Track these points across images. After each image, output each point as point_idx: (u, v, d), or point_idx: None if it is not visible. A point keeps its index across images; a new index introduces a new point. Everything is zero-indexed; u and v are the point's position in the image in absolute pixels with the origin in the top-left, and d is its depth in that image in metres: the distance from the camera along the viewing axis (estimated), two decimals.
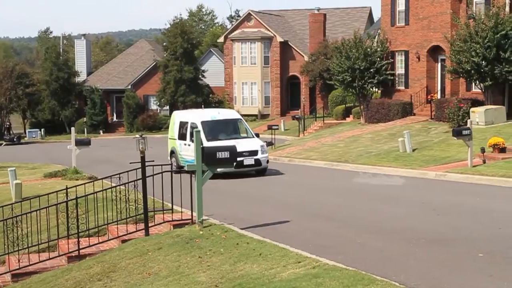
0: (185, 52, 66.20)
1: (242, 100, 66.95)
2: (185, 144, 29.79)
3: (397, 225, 16.17)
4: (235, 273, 12.39)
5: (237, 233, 15.60)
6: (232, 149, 16.64)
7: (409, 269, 11.76)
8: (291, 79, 67.20)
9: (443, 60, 41.50)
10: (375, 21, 70.04)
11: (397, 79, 45.66)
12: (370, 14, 73.25)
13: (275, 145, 42.66)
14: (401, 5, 44.76)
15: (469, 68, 35.69)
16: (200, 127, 28.20)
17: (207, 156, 16.19)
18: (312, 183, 25.94)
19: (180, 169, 27.12)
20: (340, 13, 72.03)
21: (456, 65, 36.84)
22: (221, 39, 70.63)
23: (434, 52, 42.49)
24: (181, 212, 17.59)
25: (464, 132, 25.44)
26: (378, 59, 45.05)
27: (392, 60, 45.52)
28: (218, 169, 24.72)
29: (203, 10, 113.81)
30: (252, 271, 12.26)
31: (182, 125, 30.53)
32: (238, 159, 25.56)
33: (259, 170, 28.44)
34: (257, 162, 28.20)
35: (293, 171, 30.53)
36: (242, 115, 63.95)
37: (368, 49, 45.35)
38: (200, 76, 68.38)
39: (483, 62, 34.85)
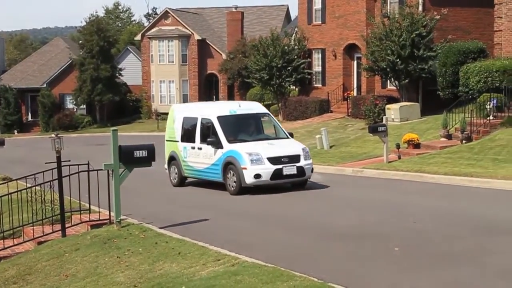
0: (102, 50, 65.31)
1: (160, 99, 66.53)
2: (192, 148, 23.23)
3: (315, 221, 16.33)
4: (154, 272, 12.31)
5: (156, 232, 15.51)
6: (150, 148, 16.45)
7: (327, 264, 11.89)
8: (209, 77, 67.11)
9: (359, 58, 42.15)
10: (292, 19, 70.59)
11: (314, 76, 46.15)
12: (288, 12, 73.79)
13: None
14: (317, 4, 45.24)
15: (384, 66, 36.34)
16: (216, 124, 22.33)
17: (124, 155, 16.00)
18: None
19: (182, 180, 24.07)
20: (257, 11, 72.32)
21: (372, 63, 37.48)
22: (138, 37, 70.05)
23: (350, 50, 43.10)
24: (99, 212, 17.37)
25: (380, 129, 25.87)
26: (296, 57, 45.44)
27: (310, 60, 45.98)
28: (247, 181, 20.90)
29: (120, 7, 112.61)
30: (171, 270, 12.20)
31: (188, 122, 23.94)
32: (276, 167, 20.98)
33: (300, 181, 21.82)
34: (300, 171, 21.39)
35: None
36: (160, 114, 64.30)
37: (286, 47, 45.69)
38: (117, 74, 67.59)
39: (398, 60, 35.53)
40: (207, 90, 67.26)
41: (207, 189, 22.84)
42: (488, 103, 28.06)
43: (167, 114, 73.63)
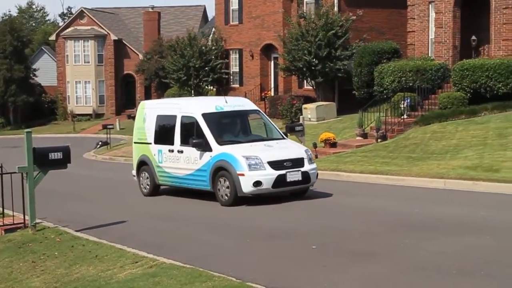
0: (15, 50, 63.97)
1: (76, 99, 65.61)
2: (170, 151, 20.02)
3: (233, 221, 16.34)
4: (70, 276, 12.12)
5: (72, 236, 15.26)
6: (65, 150, 16.16)
7: (246, 264, 11.92)
8: (126, 78, 66.53)
9: (276, 58, 42.45)
10: (209, 20, 70.58)
11: (232, 77, 46.26)
12: (205, 13, 73.72)
13: (111, 145, 42.11)
14: (234, 4, 45.36)
15: (301, 66, 36.69)
16: (201, 123, 19.15)
17: (39, 157, 15.68)
18: None
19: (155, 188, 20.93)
20: (174, 11, 72.02)
21: (289, 63, 37.80)
22: (53, 37, 68.95)
23: (268, 50, 43.37)
24: (13, 216, 16.98)
25: (297, 128, 26.05)
26: (213, 57, 45.49)
27: (227, 60, 46.08)
28: (245, 190, 17.87)
29: (34, 7, 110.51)
30: (88, 274, 12.03)
31: (164, 121, 20.69)
32: (279, 172, 17.99)
33: (303, 189, 19.02)
34: (305, 177, 18.45)
35: (129, 170, 30.18)
36: (77, 115, 63.34)
37: (203, 48, 45.71)
38: (31, 75, 66.40)
39: (315, 60, 35.92)
40: (124, 91, 66.67)
41: (174, 197, 20.96)
42: (402, 102, 28.65)
43: (83, 115, 72.92)
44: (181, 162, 19.65)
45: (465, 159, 21.64)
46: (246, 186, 17.89)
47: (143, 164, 21.24)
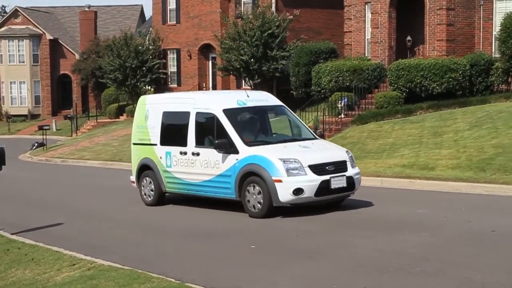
0: None
1: (11, 100, 64.52)
2: (183, 153, 17.24)
3: (172, 222, 16.25)
4: (5, 280, 11.90)
5: (8, 239, 14.99)
6: (0, 151, 15.80)
7: (185, 264, 11.86)
8: (62, 78, 65.68)
9: (214, 58, 42.44)
10: (147, 19, 70.18)
11: (169, 77, 46.08)
12: (142, 12, 73.31)
13: (47, 146, 41.51)
14: (172, 4, 45.23)
15: (238, 66, 36.75)
16: (223, 120, 16.41)
17: None
18: (85, 183, 25.46)
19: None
20: (111, 11, 71.43)
21: (226, 63, 37.81)
22: None
23: (206, 50, 43.33)
24: None
25: None
26: (151, 57, 45.27)
27: (165, 60, 45.90)
28: (282, 199, 15.24)
29: None
30: (24, 277, 11.83)
31: (173, 118, 17.97)
32: (322, 178, 15.40)
33: (344, 197, 16.51)
34: (350, 183, 15.94)
35: (66, 172, 29.85)
36: (12, 116, 62.25)
37: (140, 47, 45.42)
38: None
39: (252, 60, 36.01)
40: (61, 91, 65.83)
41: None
42: (340, 101, 28.92)
43: (18, 116, 71.81)
44: (196, 167, 16.90)
45: (401, 158, 21.93)
46: (284, 195, 15.27)
47: (146, 169, 18.47)
